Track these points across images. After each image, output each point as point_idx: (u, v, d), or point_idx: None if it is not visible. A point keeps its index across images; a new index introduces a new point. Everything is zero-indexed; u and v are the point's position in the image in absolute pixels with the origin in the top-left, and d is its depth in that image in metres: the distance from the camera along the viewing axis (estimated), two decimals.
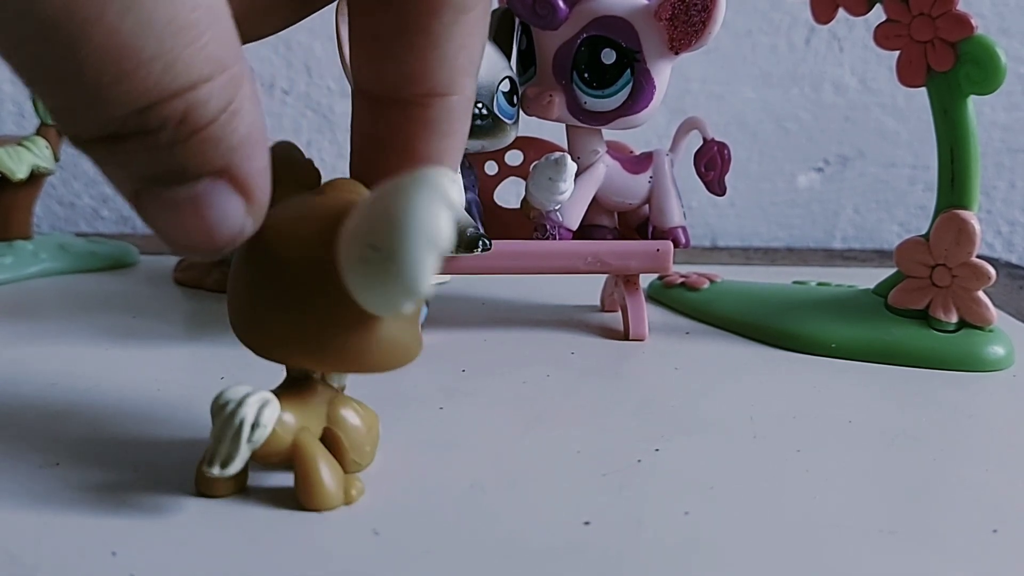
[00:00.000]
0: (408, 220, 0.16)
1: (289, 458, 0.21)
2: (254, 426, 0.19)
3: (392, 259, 0.17)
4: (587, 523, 0.20)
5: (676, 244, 0.35)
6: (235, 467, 0.19)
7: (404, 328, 0.20)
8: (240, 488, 0.21)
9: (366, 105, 0.20)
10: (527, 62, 0.35)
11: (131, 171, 0.16)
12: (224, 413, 0.20)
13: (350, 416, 0.22)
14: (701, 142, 0.36)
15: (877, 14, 0.34)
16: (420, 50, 0.19)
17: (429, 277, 0.17)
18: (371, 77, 0.20)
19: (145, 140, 0.15)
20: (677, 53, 0.33)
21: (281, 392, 0.21)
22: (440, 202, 0.16)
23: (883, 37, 0.33)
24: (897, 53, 0.33)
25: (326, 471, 0.20)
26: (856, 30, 0.64)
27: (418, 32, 0.19)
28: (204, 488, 0.21)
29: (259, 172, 0.17)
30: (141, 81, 0.14)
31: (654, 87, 0.33)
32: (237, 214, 0.17)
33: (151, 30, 0.14)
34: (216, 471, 0.19)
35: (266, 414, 0.20)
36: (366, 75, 0.20)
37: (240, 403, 0.19)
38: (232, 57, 0.16)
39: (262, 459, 0.20)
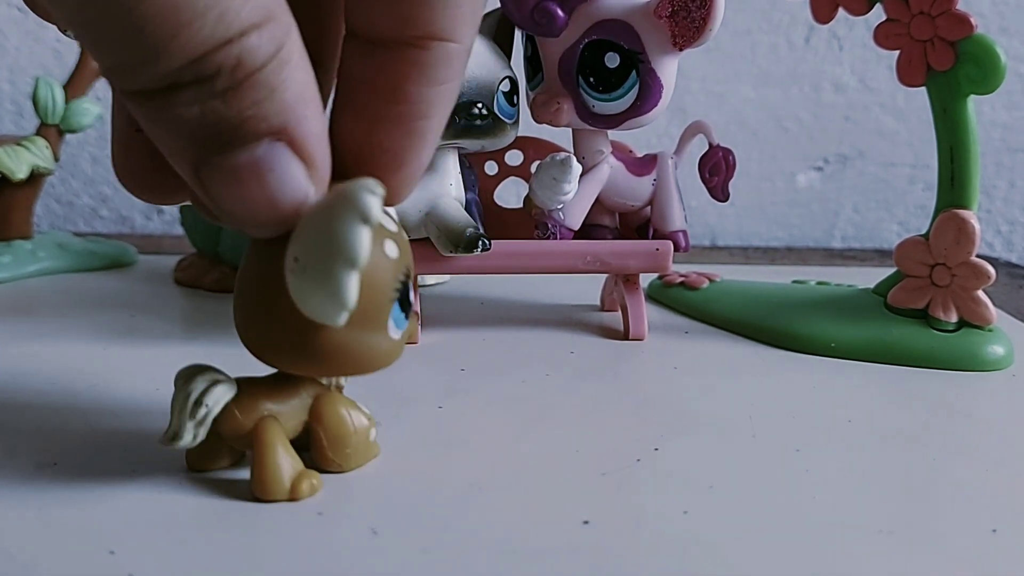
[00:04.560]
0: (324, 236, 0.17)
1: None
2: (197, 403, 0.20)
3: (310, 273, 0.17)
4: (586, 522, 0.20)
5: (676, 248, 0.35)
6: (184, 442, 0.20)
7: (361, 336, 0.20)
8: (230, 465, 0.22)
9: (358, 48, 0.19)
10: (535, 67, 0.35)
11: (189, 131, 0.17)
12: (176, 386, 0.20)
13: (333, 414, 0.22)
14: (706, 146, 0.36)
15: (877, 13, 0.34)
16: None
17: (349, 291, 0.17)
18: (368, 17, 0.19)
19: (201, 90, 0.16)
20: (681, 49, 0.33)
21: (261, 381, 0.21)
22: (358, 219, 0.17)
23: (883, 36, 0.33)
24: (897, 52, 0.33)
25: (276, 460, 0.20)
26: (856, 29, 0.64)
27: None
28: (190, 462, 0.22)
29: (317, 136, 0.18)
30: (196, 32, 0.15)
31: (661, 86, 0.33)
32: (299, 179, 0.17)
33: None
34: (166, 443, 0.20)
35: (212, 395, 0.20)
36: (362, 15, 0.19)
37: (189, 379, 0.20)
38: (279, 7, 0.16)
39: (231, 441, 0.21)
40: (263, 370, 0.21)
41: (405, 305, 0.20)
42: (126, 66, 0.16)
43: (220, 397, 0.20)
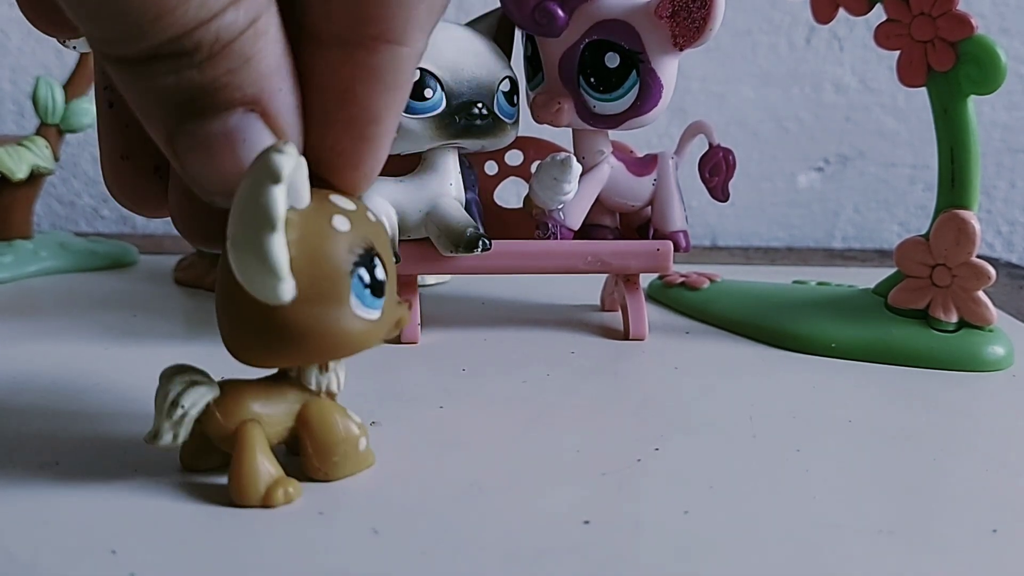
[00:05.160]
0: (243, 207, 0.17)
1: None
2: (173, 404, 0.20)
3: (240, 248, 0.17)
4: (587, 522, 0.20)
5: (677, 248, 0.35)
6: (164, 441, 0.20)
7: (320, 313, 0.19)
8: (221, 463, 0.21)
9: (306, 45, 0.18)
10: (535, 67, 0.35)
11: (165, 99, 0.17)
12: (159, 386, 0.20)
13: (321, 422, 0.21)
14: (706, 146, 0.36)
15: (877, 14, 0.34)
16: None
17: (274, 256, 0.17)
18: (317, 14, 0.18)
19: (179, 61, 0.16)
20: (682, 49, 0.33)
21: (248, 383, 0.21)
22: (267, 180, 0.17)
23: (883, 37, 0.33)
24: (897, 53, 0.33)
25: (252, 465, 0.20)
26: (856, 30, 0.64)
27: None
28: (183, 461, 0.22)
29: (290, 109, 0.18)
30: (180, 16, 0.16)
31: (661, 86, 0.33)
32: None
33: None
34: (149, 441, 0.20)
35: (188, 396, 0.20)
36: (311, 10, 0.18)
37: (168, 380, 0.20)
38: None
39: (217, 443, 0.21)
40: (260, 372, 0.21)
41: (374, 284, 0.19)
42: (108, 39, 0.16)
43: (197, 399, 0.20)
